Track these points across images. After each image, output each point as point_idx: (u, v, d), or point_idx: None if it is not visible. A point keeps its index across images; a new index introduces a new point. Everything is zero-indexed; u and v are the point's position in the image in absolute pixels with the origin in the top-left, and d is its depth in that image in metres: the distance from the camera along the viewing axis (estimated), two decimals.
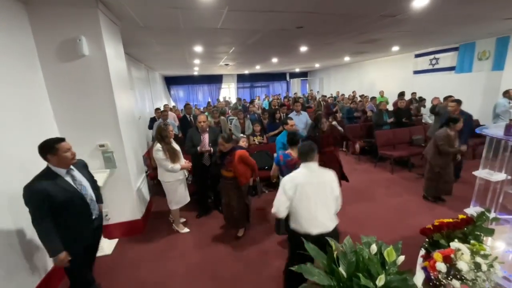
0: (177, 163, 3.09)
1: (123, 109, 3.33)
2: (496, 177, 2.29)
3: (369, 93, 10.49)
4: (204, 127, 3.50)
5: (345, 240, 1.70)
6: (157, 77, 10.88)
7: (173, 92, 14.26)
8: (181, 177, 3.24)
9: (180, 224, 3.46)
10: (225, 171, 3.04)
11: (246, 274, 2.59)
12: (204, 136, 3.54)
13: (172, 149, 3.08)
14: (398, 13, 3.76)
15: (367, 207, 3.78)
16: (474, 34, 6.19)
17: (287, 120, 3.70)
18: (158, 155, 3.01)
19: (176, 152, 3.12)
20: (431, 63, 8.45)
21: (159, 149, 3.02)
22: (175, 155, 3.08)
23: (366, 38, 5.63)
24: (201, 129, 3.52)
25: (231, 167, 2.96)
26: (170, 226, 3.48)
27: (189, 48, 5.85)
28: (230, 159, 2.95)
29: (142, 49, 5.64)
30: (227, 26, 4.08)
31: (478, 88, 7.11)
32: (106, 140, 3.06)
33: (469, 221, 2.02)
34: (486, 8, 3.83)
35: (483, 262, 1.46)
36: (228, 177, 3.03)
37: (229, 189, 3.07)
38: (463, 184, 4.15)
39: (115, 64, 3.18)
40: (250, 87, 16.08)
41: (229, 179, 3.04)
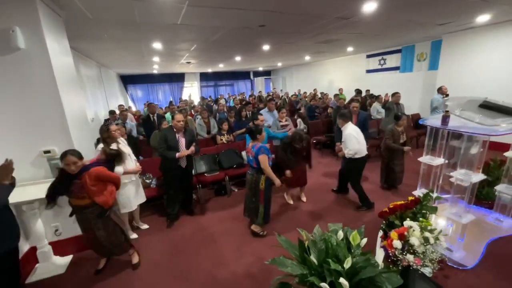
0: (119, 166, 2.83)
1: (73, 110, 2.99)
2: (436, 162, 2.63)
3: (328, 90, 11.18)
4: (180, 127, 3.28)
5: (314, 230, 1.79)
6: (111, 76, 10.01)
7: (131, 91, 13.29)
8: (126, 180, 3.00)
9: (128, 229, 3.22)
10: (77, 200, 2.28)
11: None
12: (180, 136, 3.33)
13: (116, 151, 2.81)
14: (351, 16, 4.06)
15: (331, 197, 4.02)
16: (413, 38, 6.99)
17: (257, 116, 3.76)
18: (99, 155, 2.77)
19: (121, 155, 2.86)
20: (380, 63, 9.32)
21: (100, 150, 2.81)
22: (119, 158, 2.82)
23: (324, 39, 5.96)
24: (177, 129, 3.29)
25: (85, 193, 2.26)
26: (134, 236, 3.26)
27: (147, 44, 5.50)
28: (81, 184, 2.23)
29: (92, 44, 5.13)
30: (187, 22, 3.94)
31: (418, 86, 8.06)
32: (53, 145, 2.73)
33: (417, 202, 2.29)
34: (423, 15, 4.35)
35: (430, 236, 1.67)
36: (84, 206, 2.31)
37: (90, 220, 2.35)
38: (412, 173, 4.66)
39: (59, 59, 2.84)
40: (214, 86, 15.81)
41: (86, 208, 2.32)
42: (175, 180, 3.42)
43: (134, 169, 3.05)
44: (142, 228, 3.44)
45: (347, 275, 1.50)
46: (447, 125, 2.25)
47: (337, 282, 1.43)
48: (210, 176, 4.16)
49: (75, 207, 2.34)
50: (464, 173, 2.26)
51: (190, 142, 3.39)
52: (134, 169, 3.05)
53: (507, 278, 2.23)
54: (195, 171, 4.22)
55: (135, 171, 3.07)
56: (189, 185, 3.66)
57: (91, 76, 6.88)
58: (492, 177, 3.12)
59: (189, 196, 3.77)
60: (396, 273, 1.54)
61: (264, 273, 2.49)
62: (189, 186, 3.67)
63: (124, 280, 2.56)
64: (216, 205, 4.01)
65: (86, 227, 2.40)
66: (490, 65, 5.71)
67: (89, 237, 2.44)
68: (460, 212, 2.36)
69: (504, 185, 2.82)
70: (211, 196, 4.37)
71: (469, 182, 2.17)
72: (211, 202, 4.15)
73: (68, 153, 2.19)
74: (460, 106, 2.48)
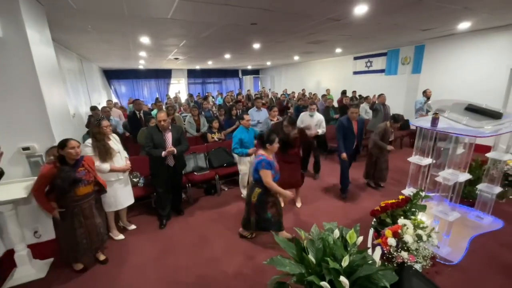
0: (106, 163, 2.76)
1: (55, 104, 2.82)
2: (425, 161, 2.74)
3: (316, 91, 11.33)
4: (165, 126, 3.15)
5: (312, 229, 1.79)
6: (94, 70, 9.55)
7: (115, 87, 12.77)
8: (113, 179, 2.88)
9: (114, 230, 3.12)
10: (85, 187, 2.35)
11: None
12: (166, 135, 3.21)
13: (104, 147, 2.76)
14: (342, 17, 4.12)
15: (321, 196, 4.08)
16: (399, 42, 7.24)
17: (243, 115, 3.74)
18: (85, 151, 2.67)
19: (109, 151, 2.79)
20: (367, 65, 9.57)
21: (87, 145, 2.74)
22: (106, 154, 2.76)
23: (314, 39, 6.02)
24: (162, 128, 3.16)
25: (92, 177, 2.42)
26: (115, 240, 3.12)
27: (134, 38, 5.29)
28: (85, 169, 2.36)
29: (74, 35, 4.85)
30: (178, 17, 3.82)
31: (402, 88, 8.36)
32: (32, 142, 2.56)
33: (407, 200, 2.36)
34: (409, 20, 4.50)
35: (423, 234, 1.73)
36: (89, 193, 2.41)
37: (92, 207, 2.46)
38: (395, 172, 4.83)
39: (40, 50, 2.67)
40: (202, 83, 15.55)
41: (90, 195, 2.43)
42: (164, 179, 3.31)
43: (122, 167, 2.91)
44: (129, 229, 3.31)
45: (345, 273, 1.51)
46: (437, 127, 2.33)
47: (337, 280, 1.43)
48: (200, 175, 4.08)
49: (80, 198, 2.33)
50: (451, 172, 2.36)
51: (177, 139, 3.28)
52: (122, 167, 2.92)
53: (488, 271, 2.36)
54: (184, 170, 4.13)
55: (123, 169, 2.94)
56: (178, 184, 3.56)
57: (72, 69, 6.52)
58: (473, 176, 3.29)
59: (179, 195, 3.67)
60: (391, 270, 1.57)
61: (256, 273, 2.47)
62: (178, 185, 3.57)
63: (109, 282, 2.44)
64: (206, 205, 3.94)
65: (88, 215, 2.42)
66: (469, 70, 6.03)
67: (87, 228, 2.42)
68: (446, 210, 2.47)
69: (485, 184, 2.98)
70: (201, 195, 4.29)
71: (456, 181, 2.27)
72: (201, 201, 4.08)
73: (69, 139, 2.25)
74: (446, 108, 2.58)
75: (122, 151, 3.02)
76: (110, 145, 2.84)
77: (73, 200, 2.29)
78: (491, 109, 2.43)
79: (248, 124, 3.73)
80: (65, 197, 2.25)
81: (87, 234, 2.43)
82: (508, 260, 2.49)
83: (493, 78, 5.60)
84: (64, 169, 2.20)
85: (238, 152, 3.60)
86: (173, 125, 3.38)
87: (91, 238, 2.46)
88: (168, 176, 3.32)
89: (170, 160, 3.27)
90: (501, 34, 5.38)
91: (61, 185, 2.16)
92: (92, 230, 2.46)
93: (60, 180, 2.16)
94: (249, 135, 3.72)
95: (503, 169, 3.02)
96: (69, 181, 2.19)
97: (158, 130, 3.18)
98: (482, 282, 2.24)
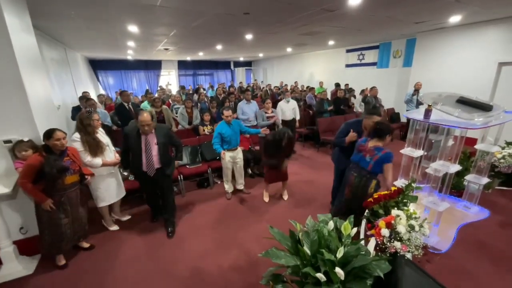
0: (98, 157, 2.67)
1: (38, 95, 2.68)
2: (416, 153, 2.78)
3: (308, 83, 11.32)
4: (148, 131, 2.64)
5: (307, 221, 1.79)
6: (79, 59, 9.16)
7: (102, 78, 12.33)
8: (105, 173, 2.82)
9: (109, 221, 3.11)
10: (71, 176, 2.35)
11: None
12: (148, 139, 2.69)
13: (94, 141, 2.65)
14: (336, 8, 4.06)
15: (315, 188, 4.11)
16: (391, 35, 7.25)
17: (223, 111, 3.47)
18: (74, 146, 2.57)
19: (100, 145, 2.70)
20: (359, 58, 9.58)
21: (75, 139, 2.61)
22: (97, 148, 2.66)
23: (308, 30, 5.94)
24: (143, 132, 2.65)
25: (78, 166, 2.42)
26: (107, 232, 3.08)
27: (121, 26, 5.07)
28: (70, 159, 2.34)
29: (57, 22, 4.60)
30: (167, 4, 3.66)
31: (393, 81, 8.44)
32: (14, 134, 2.43)
33: (399, 191, 2.38)
34: (402, 12, 4.49)
35: (415, 224, 1.76)
36: (76, 182, 2.42)
37: (77, 198, 2.47)
38: None
39: (20, 38, 2.51)
40: (193, 75, 15.23)
41: (75, 185, 2.43)
42: (147, 186, 2.97)
43: (112, 161, 2.85)
44: (123, 220, 3.27)
45: (339, 264, 1.52)
46: (429, 119, 2.36)
47: (332, 271, 1.44)
48: (192, 168, 4.02)
49: (67, 186, 2.34)
50: (442, 164, 2.41)
51: (164, 145, 2.76)
52: (113, 161, 2.86)
53: (476, 259, 2.45)
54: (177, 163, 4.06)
55: (114, 163, 2.87)
56: (165, 195, 2.99)
57: (56, 58, 6.22)
58: (461, 168, 3.38)
59: (168, 207, 3.05)
60: (385, 260, 1.59)
61: (251, 265, 2.47)
62: (166, 196, 2.99)
63: (101, 276, 2.40)
64: (198, 198, 3.90)
65: (75, 204, 2.44)
66: (458, 63, 6.12)
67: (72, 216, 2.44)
68: (436, 200, 2.52)
69: (473, 175, 3.07)
70: (194, 188, 4.24)
71: (447, 172, 2.31)
72: (194, 194, 4.04)
73: (55, 130, 2.22)
74: (439, 100, 2.61)
75: (110, 144, 2.93)
76: (99, 139, 2.74)
77: (61, 189, 2.29)
78: (482, 102, 2.47)
79: (227, 119, 3.47)
80: (54, 186, 2.23)
81: (71, 224, 2.43)
82: (494, 248, 2.59)
83: (481, 72, 5.72)
84: (51, 157, 2.19)
85: (215, 148, 3.45)
86: (160, 126, 2.82)
87: (74, 228, 2.47)
88: (152, 184, 2.93)
89: (150, 168, 2.74)
90: (490, 28, 5.46)
91: (50, 172, 2.14)
92: (76, 219, 2.49)
93: (49, 167, 2.14)
94: (232, 129, 3.51)
95: (491, 161, 3.10)
96: (57, 167, 2.18)
97: (137, 133, 2.69)
98: (469, 269, 2.32)
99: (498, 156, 3.30)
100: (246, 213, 3.44)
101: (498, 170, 3.36)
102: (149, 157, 2.71)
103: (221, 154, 3.36)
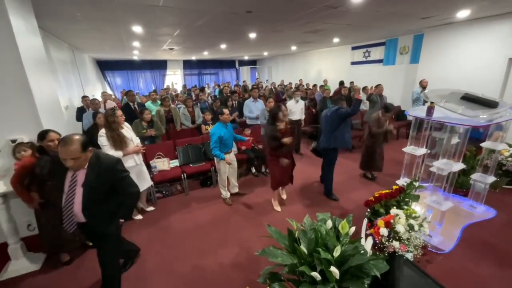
0: (119, 151, 2.85)
1: (44, 96, 2.76)
2: (419, 151, 2.73)
3: (313, 81, 11.22)
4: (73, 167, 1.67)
5: (304, 219, 1.78)
6: (87, 60, 9.34)
7: (109, 78, 12.55)
8: (128, 165, 2.94)
9: None
10: None
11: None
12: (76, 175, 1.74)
13: (118, 136, 2.86)
14: (339, 5, 4.00)
15: (316, 188, 4.08)
16: (397, 31, 7.11)
17: (222, 110, 3.33)
18: (100, 141, 2.83)
19: (123, 140, 2.91)
20: (365, 55, 9.44)
21: (101, 135, 2.85)
22: (121, 143, 2.87)
23: (311, 28, 5.89)
24: None
25: None
26: None
27: (126, 27, 5.14)
28: None
29: (63, 24, 4.70)
30: (171, 4, 3.69)
31: (400, 78, 8.28)
32: (21, 134, 2.51)
33: (401, 190, 2.36)
34: (409, 7, 4.40)
35: (415, 223, 1.73)
36: None
37: None
38: (391, 162, 4.83)
39: (26, 39, 2.58)
40: (198, 74, 15.32)
41: None
42: None
43: (133, 149, 3.02)
44: (147, 210, 3.54)
45: (336, 263, 1.52)
46: (432, 116, 2.31)
47: (327, 270, 1.43)
48: (196, 166, 4.06)
49: None
50: (446, 162, 2.36)
51: (94, 189, 1.73)
52: (133, 149, 3.02)
53: (480, 260, 2.39)
54: (180, 161, 4.10)
55: (134, 151, 3.03)
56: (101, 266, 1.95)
57: (64, 59, 6.36)
58: (467, 166, 3.30)
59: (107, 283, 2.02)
60: (382, 259, 1.57)
61: (252, 263, 2.49)
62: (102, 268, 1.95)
63: None
64: (201, 196, 3.94)
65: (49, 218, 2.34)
66: (467, 59, 5.96)
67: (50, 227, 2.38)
68: (439, 199, 2.48)
69: (479, 174, 2.99)
70: (197, 187, 4.28)
71: (450, 171, 2.26)
72: (197, 193, 4.08)
73: (49, 131, 2.23)
74: (443, 97, 2.55)
75: (134, 138, 3.13)
76: (123, 134, 2.93)
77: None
78: (487, 98, 2.40)
79: (228, 119, 3.40)
80: (47, 186, 2.24)
81: None
82: (499, 248, 2.52)
83: (491, 68, 5.55)
84: (43, 158, 2.19)
85: (216, 154, 3.21)
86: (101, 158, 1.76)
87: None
88: None
89: (67, 222, 1.78)
90: (501, 22, 5.29)
91: (40, 173, 2.15)
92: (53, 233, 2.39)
93: (39, 168, 2.15)
94: (228, 131, 3.41)
95: (497, 159, 3.02)
96: (47, 169, 2.15)
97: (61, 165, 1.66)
98: (472, 270, 2.27)
99: (506, 154, 3.21)
100: (248, 211, 3.46)
101: (506, 168, 3.27)
102: (68, 203, 1.74)
103: (226, 160, 3.24)
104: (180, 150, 4.18)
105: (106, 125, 2.84)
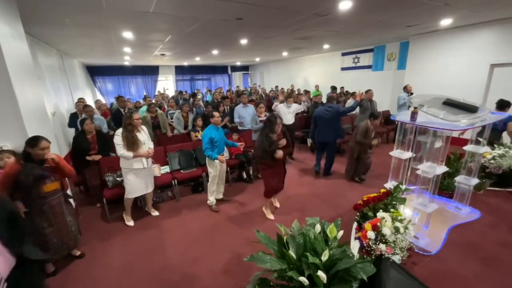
0: (130, 152, 2.97)
1: (29, 103, 2.71)
2: (405, 155, 2.80)
3: (304, 87, 11.38)
4: None
5: (293, 224, 1.80)
6: (76, 66, 9.22)
7: (99, 84, 12.39)
8: (136, 167, 3.08)
9: (128, 215, 3.37)
10: (51, 184, 2.28)
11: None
12: None
13: (132, 138, 2.98)
14: (328, 13, 4.12)
15: (308, 190, 4.12)
16: (385, 38, 7.33)
17: (212, 113, 3.46)
18: (115, 139, 2.98)
19: (136, 142, 3.02)
20: (354, 61, 9.66)
21: (117, 134, 3.00)
22: (133, 145, 2.98)
23: (302, 35, 6.01)
24: None
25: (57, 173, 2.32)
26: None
27: (116, 33, 5.12)
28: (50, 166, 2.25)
29: (52, 30, 4.64)
30: (161, 11, 3.72)
31: (388, 84, 8.50)
32: (5, 141, 2.46)
33: (388, 194, 2.41)
34: (393, 16, 4.56)
35: (400, 226, 1.77)
36: (56, 190, 2.33)
37: (62, 205, 2.39)
38: (380, 166, 4.93)
39: (11, 45, 2.54)
40: (191, 80, 15.31)
41: (58, 192, 2.36)
42: None
43: (144, 152, 3.09)
44: (153, 214, 3.57)
45: (324, 268, 1.53)
46: (416, 121, 2.38)
47: (315, 275, 1.44)
48: (187, 172, 4.04)
49: (48, 194, 2.27)
50: (430, 165, 2.43)
51: None
52: (144, 152, 3.09)
53: (466, 260, 2.45)
54: (171, 167, 4.07)
55: (145, 155, 3.08)
56: None
57: (52, 65, 6.26)
58: (452, 169, 3.40)
59: None
60: (369, 262, 1.60)
61: (243, 269, 2.47)
62: None
63: (93, 282, 2.39)
64: (192, 202, 3.91)
65: (58, 212, 2.36)
66: (451, 65, 6.18)
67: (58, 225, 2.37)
68: (425, 202, 2.54)
69: (463, 176, 3.09)
70: (188, 193, 4.24)
71: (434, 173, 2.33)
72: (188, 199, 4.04)
73: (41, 139, 2.19)
74: (425, 103, 2.64)
75: (148, 142, 3.20)
76: (137, 137, 3.03)
77: (41, 197, 2.22)
78: (467, 104, 2.50)
79: (219, 122, 3.47)
80: (31, 194, 2.18)
81: (57, 232, 2.37)
82: (484, 249, 2.59)
83: (474, 74, 5.77)
84: (28, 165, 2.14)
85: (209, 154, 3.30)
86: None
87: (61, 237, 2.41)
88: None
89: None
90: (482, 31, 5.53)
91: (24, 180, 2.09)
92: (62, 228, 2.42)
93: (24, 175, 2.09)
94: (219, 134, 3.48)
95: (480, 162, 3.12)
96: (33, 176, 2.12)
97: None
98: (459, 271, 2.32)
99: (488, 157, 3.33)
100: (239, 217, 3.45)
101: (489, 171, 3.39)
102: None
103: (220, 158, 3.31)
104: (171, 156, 4.15)
105: (123, 126, 2.99)
